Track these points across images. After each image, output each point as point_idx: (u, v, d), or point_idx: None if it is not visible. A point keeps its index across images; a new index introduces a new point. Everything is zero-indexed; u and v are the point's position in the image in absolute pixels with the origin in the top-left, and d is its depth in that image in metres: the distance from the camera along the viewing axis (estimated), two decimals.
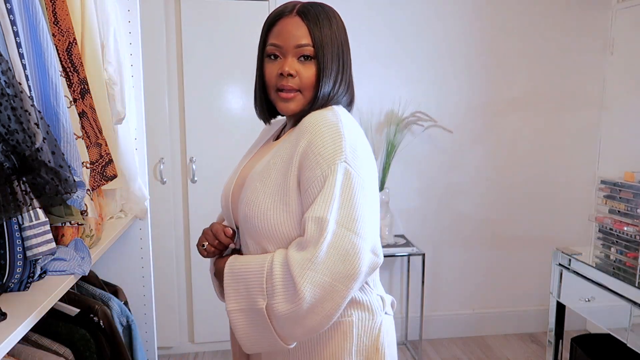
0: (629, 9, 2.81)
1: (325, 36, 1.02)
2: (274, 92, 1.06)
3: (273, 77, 1.04)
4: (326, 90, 1.04)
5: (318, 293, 0.91)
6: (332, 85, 1.04)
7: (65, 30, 1.30)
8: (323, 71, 1.02)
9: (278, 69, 1.03)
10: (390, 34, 2.80)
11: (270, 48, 1.04)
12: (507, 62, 2.91)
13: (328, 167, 0.94)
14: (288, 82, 1.02)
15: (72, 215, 1.22)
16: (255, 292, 0.97)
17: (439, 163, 2.94)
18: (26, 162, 0.94)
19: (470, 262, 3.06)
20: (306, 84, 1.03)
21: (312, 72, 1.02)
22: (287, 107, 1.05)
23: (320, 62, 1.02)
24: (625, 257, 2.04)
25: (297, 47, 1.02)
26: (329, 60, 1.03)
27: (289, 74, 1.01)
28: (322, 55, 1.02)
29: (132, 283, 1.93)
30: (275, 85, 1.04)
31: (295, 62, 1.02)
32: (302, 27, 1.01)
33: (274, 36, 1.04)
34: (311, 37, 1.01)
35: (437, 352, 2.91)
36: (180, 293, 2.85)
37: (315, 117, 1.00)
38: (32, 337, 1.28)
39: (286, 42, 1.02)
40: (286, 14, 1.03)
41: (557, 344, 2.26)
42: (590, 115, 3.02)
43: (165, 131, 2.68)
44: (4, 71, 0.93)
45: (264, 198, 0.99)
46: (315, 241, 0.92)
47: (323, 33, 1.02)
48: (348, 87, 1.10)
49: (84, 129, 1.35)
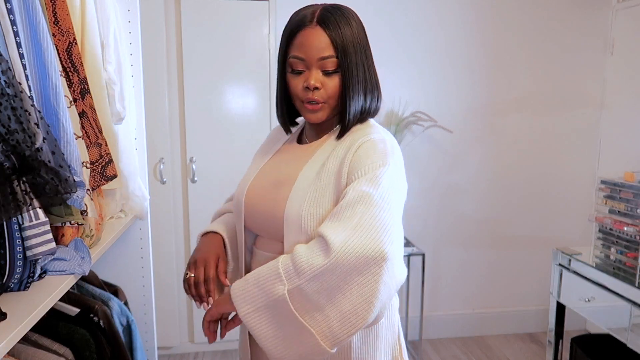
0: (629, 9, 2.81)
1: (347, 43, 1.01)
2: (300, 103, 1.06)
3: (299, 90, 1.04)
4: (359, 105, 1.05)
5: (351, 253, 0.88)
6: (364, 98, 1.06)
7: (65, 30, 1.30)
8: (350, 80, 1.02)
9: (304, 82, 1.03)
10: (390, 34, 2.80)
11: (293, 61, 1.03)
12: (507, 62, 2.91)
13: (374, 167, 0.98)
14: (314, 96, 1.02)
15: (72, 215, 1.22)
16: (270, 284, 0.92)
17: (439, 163, 2.94)
18: (26, 162, 0.94)
19: (470, 262, 3.06)
20: (332, 95, 1.03)
21: (336, 83, 1.03)
22: (316, 117, 1.05)
23: (345, 72, 1.02)
24: (625, 257, 2.04)
25: (321, 60, 1.01)
26: (354, 69, 1.02)
27: (315, 87, 1.02)
28: (347, 65, 1.01)
29: (132, 283, 1.93)
30: (301, 97, 1.04)
31: (319, 74, 1.02)
32: (324, 37, 1.00)
33: (296, 48, 1.03)
34: (334, 47, 1.00)
35: (437, 352, 2.91)
36: (180, 293, 2.85)
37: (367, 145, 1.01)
38: (32, 337, 1.28)
39: (308, 54, 1.01)
40: (307, 25, 1.02)
41: (557, 344, 2.26)
42: (590, 115, 3.02)
43: (165, 131, 2.69)
44: (4, 71, 0.93)
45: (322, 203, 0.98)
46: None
47: (345, 40, 1.01)
48: (378, 92, 1.11)
49: (84, 129, 1.35)
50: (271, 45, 2.68)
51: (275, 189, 1.06)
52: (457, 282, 3.07)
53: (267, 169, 1.13)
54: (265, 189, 1.08)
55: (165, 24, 2.62)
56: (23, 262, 1.01)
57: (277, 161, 1.14)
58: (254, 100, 2.72)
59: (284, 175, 1.07)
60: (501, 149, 2.99)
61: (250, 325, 0.93)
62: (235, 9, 2.66)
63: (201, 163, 2.74)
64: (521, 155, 3.01)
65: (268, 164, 1.15)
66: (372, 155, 0.99)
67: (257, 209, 1.08)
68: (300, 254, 0.91)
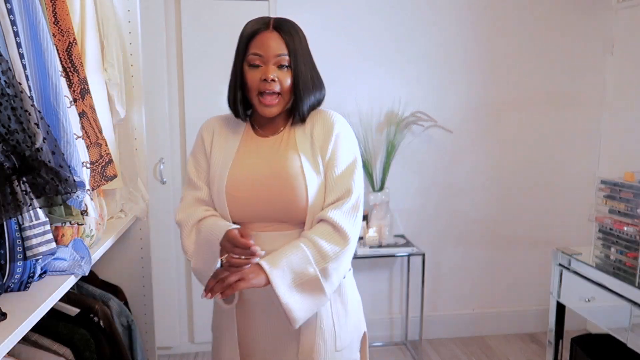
0: (629, 9, 2.81)
1: (297, 47, 1.24)
2: (256, 96, 1.24)
3: (255, 81, 1.23)
4: (311, 98, 1.28)
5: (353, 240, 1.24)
6: (313, 91, 1.28)
7: (65, 30, 1.30)
8: (299, 75, 1.24)
9: (261, 75, 1.22)
10: (390, 34, 2.80)
11: (252, 57, 1.23)
12: (507, 62, 2.91)
13: (353, 153, 1.30)
14: (270, 86, 1.21)
15: (72, 215, 1.22)
16: (303, 268, 1.18)
17: (439, 163, 2.94)
18: (26, 162, 0.94)
19: (470, 262, 3.06)
20: (285, 89, 1.23)
21: (289, 78, 1.23)
22: (270, 111, 1.24)
23: (296, 68, 1.23)
24: (625, 257, 2.04)
25: (277, 57, 1.22)
26: (302, 67, 1.24)
27: (271, 79, 1.21)
28: (296, 62, 1.23)
29: (132, 283, 1.93)
30: (257, 88, 1.23)
31: (275, 69, 1.22)
32: (279, 40, 1.22)
33: (256, 47, 1.23)
34: (287, 48, 1.22)
35: (437, 352, 2.91)
36: (180, 293, 2.85)
37: (335, 115, 1.32)
38: (32, 337, 1.28)
39: (267, 52, 1.22)
40: (264, 29, 1.24)
41: (557, 344, 2.26)
42: (590, 115, 3.02)
43: (165, 131, 2.68)
44: (4, 71, 0.94)
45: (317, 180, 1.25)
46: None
47: (295, 44, 1.23)
48: (322, 85, 1.32)
49: (84, 129, 1.35)
50: None
51: (283, 181, 1.23)
52: (457, 282, 3.07)
53: (248, 162, 1.28)
54: (265, 181, 1.24)
55: (165, 24, 2.62)
56: (23, 262, 1.01)
57: (252, 154, 1.29)
58: None
59: (279, 167, 1.25)
60: (501, 148, 2.99)
61: (284, 299, 1.16)
62: (235, 9, 2.66)
63: None
64: (521, 155, 3.01)
65: (243, 157, 1.28)
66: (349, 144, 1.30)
67: (264, 199, 1.24)
68: (323, 243, 1.20)
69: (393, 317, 3.05)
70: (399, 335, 3.05)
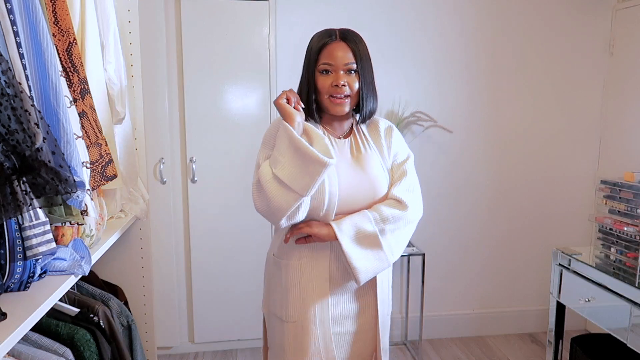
0: (629, 9, 2.81)
1: (362, 54, 1.41)
2: (327, 98, 1.41)
3: (326, 86, 1.40)
4: (371, 102, 1.47)
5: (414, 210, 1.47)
6: (373, 97, 1.48)
7: (65, 30, 1.30)
8: (364, 80, 1.42)
9: (332, 81, 1.39)
10: (390, 34, 2.80)
11: (323, 66, 1.40)
12: (507, 62, 2.91)
13: (407, 147, 1.58)
14: (341, 90, 1.39)
15: (72, 215, 1.22)
16: (364, 225, 1.39)
17: (439, 163, 2.94)
18: (26, 162, 0.94)
19: (470, 262, 3.06)
20: (354, 91, 1.42)
21: (357, 81, 1.41)
22: (342, 109, 1.42)
23: (361, 73, 1.41)
24: (625, 257, 2.04)
25: (346, 65, 1.39)
26: (367, 74, 1.43)
27: (342, 85, 1.39)
28: (362, 67, 1.41)
29: (132, 283, 1.93)
30: (328, 92, 1.40)
31: (344, 75, 1.39)
32: (346, 48, 1.40)
33: (325, 57, 1.40)
34: (354, 55, 1.40)
35: (437, 352, 2.91)
36: (180, 293, 2.85)
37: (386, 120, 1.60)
38: (32, 337, 1.28)
39: (336, 61, 1.39)
40: (332, 40, 1.41)
41: (557, 344, 2.26)
42: (590, 115, 3.02)
43: (165, 131, 2.68)
44: (4, 71, 0.93)
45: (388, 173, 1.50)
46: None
47: (361, 51, 1.41)
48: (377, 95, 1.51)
49: (84, 129, 1.35)
50: (271, 45, 2.68)
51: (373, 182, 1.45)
52: (457, 282, 3.07)
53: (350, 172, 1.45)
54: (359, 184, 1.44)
55: (165, 24, 2.62)
56: (23, 262, 1.01)
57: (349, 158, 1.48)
58: (254, 100, 2.72)
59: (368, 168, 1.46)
60: (501, 148, 2.99)
61: (346, 247, 1.37)
62: (235, 9, 2.66)
63: (201, 163, 2.74)
64: (521, 155, 3.01)
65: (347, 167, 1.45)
66: (403, 142, 1.58)
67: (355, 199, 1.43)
68: (384, 208, 1.42)
69: (393, 317, 3.05)
70: (399, 335, 3.05)
